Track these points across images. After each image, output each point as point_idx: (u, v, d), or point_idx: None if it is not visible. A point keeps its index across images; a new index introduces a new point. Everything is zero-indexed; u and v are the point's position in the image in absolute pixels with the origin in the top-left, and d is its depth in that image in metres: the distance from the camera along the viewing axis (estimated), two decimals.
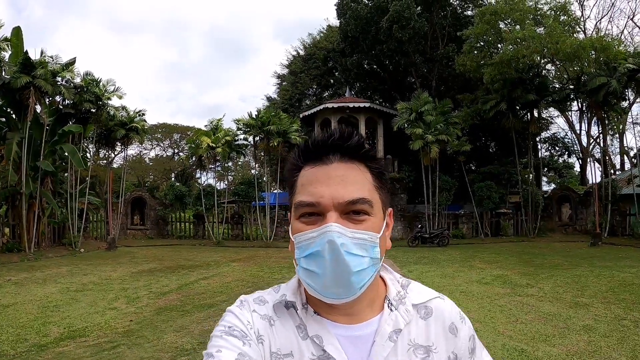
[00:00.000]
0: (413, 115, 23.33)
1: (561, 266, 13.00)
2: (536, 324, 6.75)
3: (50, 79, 17.68)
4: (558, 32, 20.03)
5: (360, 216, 0.86)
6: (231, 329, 0.89)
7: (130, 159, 49.98)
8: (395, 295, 0.95)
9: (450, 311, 0.98)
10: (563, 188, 26.90)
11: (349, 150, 0.88)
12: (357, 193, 0.85)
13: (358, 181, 0.87)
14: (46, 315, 8.27)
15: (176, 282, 11.77)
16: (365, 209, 0.86)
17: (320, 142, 0.90)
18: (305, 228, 0.86)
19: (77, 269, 14.25)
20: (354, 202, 0.85)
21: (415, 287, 0.99)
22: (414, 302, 0.95)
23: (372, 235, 0.85)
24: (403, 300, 0.95)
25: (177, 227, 27.09)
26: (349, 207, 0.85)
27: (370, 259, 0.85)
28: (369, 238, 0.85)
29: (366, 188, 0.87)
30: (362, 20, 27.94)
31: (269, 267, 14.45)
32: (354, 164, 0.89)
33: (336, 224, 0.83)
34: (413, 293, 0.97)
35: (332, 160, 0.89)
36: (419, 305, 0.95)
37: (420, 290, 0.99)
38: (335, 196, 0.84)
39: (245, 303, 0.96)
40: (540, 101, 23.86)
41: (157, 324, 7.57)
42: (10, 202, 18.73)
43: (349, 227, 0.84)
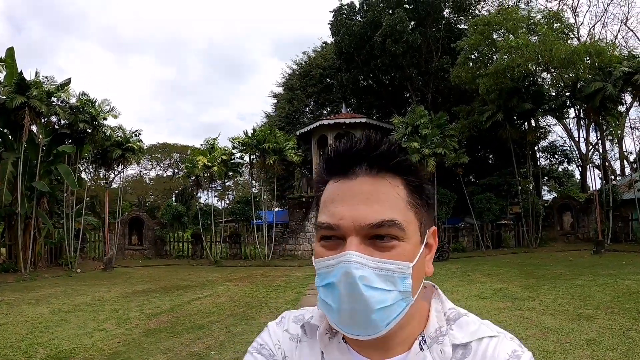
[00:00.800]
0: (409, 129, 23.23)
1: (563, 276, 12.72)
2: (537, 340, 6.47)
3: (45, 99, 17.70)
4: (552, 39, 20.03)
5: (387, 242, 0.71)
6: (262, 347, 0.89)
7: (131, 179, 50.09)
8: (433, 331, 0.79)
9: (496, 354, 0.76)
10: (564, 196, 26.68)
11: (377, 161, 0.74)
12: (384, 214, 0.71)
13: (387, 199, 0.73)
14: (34, 336, 8.08)
15: (169, 302, 11.53)
16: (393, 233, 0.72)
17: (344, 152, 0.77)
18: (325, 253, 0.74)
19: (71, 289, 14.01)
20: (380, 225, 0.71)
21: (466, 323, 0.80)
22: (455, 342, 0.77)
23: (402, 264, 0.71)
24: (441, 338, 0.78)
25: (175, 247, 26.84)
26: (373, 231, 0.71)
27: (398, 292, 0.71)
28: (398, 268, 0.71)
29: (397, 207, 0.73)
30: (356, 36, 28.05)
31: (264, 286, 14.20)
32: (385, 178, 0.75)
33: (356, 253, 0.69)
34: (459, 330, 0.78)
35: (357, 173, 0.75)
36: (461, 345, 0.77)
37: (472, 327, 0.79)
38: (357, 218, 0.71)
39: (284, 320, 0.92)
40: (536, 110, 23.80)
41: (144, 346, 7.35)
42: (7, 223, 18.62)
43: (373, 254, 0.71)
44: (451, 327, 0.79)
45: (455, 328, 0.79)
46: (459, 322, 0.79)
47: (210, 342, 7.45)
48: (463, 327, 0.79)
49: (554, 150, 34.47)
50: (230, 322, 8.94)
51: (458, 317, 0.80)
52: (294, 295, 12.24)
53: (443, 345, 0.76)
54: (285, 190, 33.89)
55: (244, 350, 4.33)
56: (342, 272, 0.69)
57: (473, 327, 0.78)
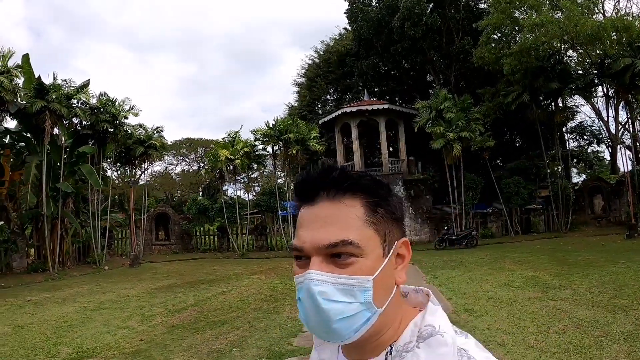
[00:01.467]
0: (433, 113, 22.75)
1: (596, 263, 12.20)
2: (570, 333, 6.11)
3: (64, 101, 17.94)
4: (577, 14, 19.17)
5: (345, 259, 0.77)
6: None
7: (157, 175, 50.79)
8: (402, 345, 0.80)
9: None
10: (594, 179, 25.79)
11: (332, 187, 0.79)
12: (339, 235, 0.76)
13: (342, 220, 0.78)
14: (58, 336, 8.16)
15: (193, 297, 11.55)
16: (349, 251, 0.76)
17: (304, 182, 0.83)
18: (297, 271, 0.81)
19: (97, 287, 14.22)
20: (335, 245, 0.76)
21: (437, 344, 0.77)
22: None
23: (361, 279, 0.76)
24: (405, 353, 0.78)
25: (202, 240, 27.05)
26: (330, 251, 0.77)
27: (360, 304, 0.76)
28: (357, 283, 0.76)
29: (353, 227, 0.78)
30: (373, 22, 27.53)
31: (290, 278, 14.03)
32: (342, 201, 0.79)
33: (314, 271, 0.76)
34: (425, 350, 0.77)
35: (319, 199, 0.81)
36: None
37: (441, 349, 0.76)
38: (315, 240, 0.78)
39: None
40: (563, 89, 22.93)
41: (166, 343, 7.32)
42: (34, 224, 19.00)
43: (334, 271, 0.76)
44: (418, 345, 0.78)
45: (422, 347, 0.78)
46: (429, 341, 0.78)
47: (232, 338, 7.37)
48: (432, 347, 0.77)
49: (582, 131, 33.36)
50: (253, 317, 8.86)
51: (430, 336, 0.78)
52: None
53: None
54: None
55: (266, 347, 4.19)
56: (305, 288, 0.76)
57: (442, 350, 0.76)
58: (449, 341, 0.77)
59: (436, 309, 0.83)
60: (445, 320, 0.81)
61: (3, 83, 15.28)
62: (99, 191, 21.32)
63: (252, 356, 6.31)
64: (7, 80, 15.50)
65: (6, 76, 15.59)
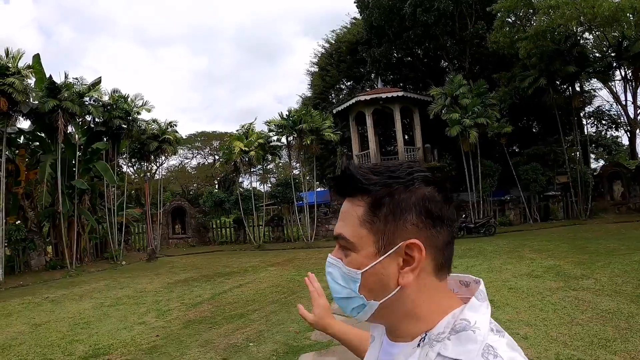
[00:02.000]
0: (448, 100, 22.42)
1: (618, 251, 11.87)
2: (594, 325, 5.92)
3: (77, 100, 18.00)
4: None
5: (345, 251, 0.87)
6: None
7: (173, 169, 51.15)
8: (435, 334, 0.81)
9: None
10: (613, 164, 25.19)
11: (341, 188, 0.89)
12: (339, 229, 0.88)
13: (346, 217, 0.87)
14: (75, 333, 8.19)
15: (210, 291, 11.55)
16: (343, 244, 0.87)
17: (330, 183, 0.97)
18: None
19: (114, 282, 14.32)
20: (336, 238, 0.89)
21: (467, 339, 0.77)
22: (442, 353, 0.78)
23: (351, 270, 0.85)
24: (435, 343, 0.80)
25: (218, 233, 27.17)
26: (338, 242, 0.89)
27: (351, 290, 0.85)
28: (348, 272, 0.86)
29: (350, 224, 0.86)
30: (385, 9, 27.12)
31: (307, 269, 13.78)
32: (353, 200, 0.87)
33: (330, 255, 0.90)
34: (454, 343, 0.78)
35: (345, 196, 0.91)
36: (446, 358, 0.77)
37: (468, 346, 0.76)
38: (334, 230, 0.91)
39: None
40: (581, 73, 22.36)
41: (182, 339, 7.31)
42: (51, 222, 19.21)
43: (342, 259, 0.87)
44: (449, 337, 0.80)
45: (452, 339, 0.79)
46: (460, 335, 0.79)
47: (249, 333, 7.34)
48: (461, 341, 0.78)
49: (600, 116, 32.61)
50: (270, 310, 8.82)
51: (462, 330, 0.79)
52: None
53: (431, 350, 0.79)
54: (325, 170, 33.67)
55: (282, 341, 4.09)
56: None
57: (469, 346, 0.76)
58: (478, 339, 0.77)
59: (479, 305, 0.83)
60: (484, 317, 0.80)
61: (14, 84, 15.36)
62: (115, 187, 21.49)
63: (269, 351, 6.26)
64: (19, 81, 15.57)
65: (17, 77, 15.65)
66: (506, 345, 0.77)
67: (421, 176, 0.84)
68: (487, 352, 0.75)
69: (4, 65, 15.74)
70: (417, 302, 0.84)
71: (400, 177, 0.84)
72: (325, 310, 1.45)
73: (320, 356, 6.03)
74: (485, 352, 0.75)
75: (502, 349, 0.76)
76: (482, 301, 0.84)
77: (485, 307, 0.83)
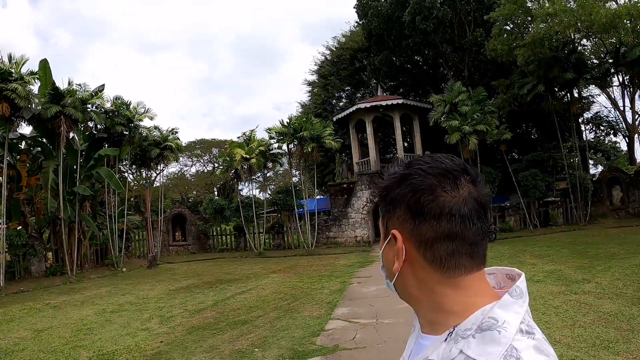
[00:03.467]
0: (447, 107, 22.55)
1: (618, 255, 11.95)
2: (596, 327, 5.99)
3: (79, 106, 18.06)
4: (590, 2, 18.84)
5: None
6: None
7: (172, 176, 51.12)
8: (462, 329, 0.80)
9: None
10: (612, 169, 25.31)
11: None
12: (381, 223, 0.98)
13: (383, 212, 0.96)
14: (78, 339, 8.19)
15: (212, 298, 11.57)
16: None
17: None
18: None
19: (116, 289, 14.32)
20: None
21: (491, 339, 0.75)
22: (465, 351, 0.76)
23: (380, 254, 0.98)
24: (460, 339, 0.79)
25: (219, 240, 27.16)
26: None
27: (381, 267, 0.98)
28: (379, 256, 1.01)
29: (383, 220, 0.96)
30: (384, 17, 27.33)
31: (309, 276, 14.08)
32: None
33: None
34: (478, 342, 0.76)
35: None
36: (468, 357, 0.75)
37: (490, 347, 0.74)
38: None
39: None
40: (579, 79, 22.56)
41: (187, 345, 7.32)
42: (52, 228, 19.22)
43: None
44: (474, 335, 0.78)
45: (477, 337, 0.77)
46: (485, 334, 0.76)
47: (253, 338, 7.35)
48: (485, 340, 0.76)
49: (598, 122, 32.79)
50: (274, 316, 8.84)
51: (488, 329, 0.76)
52: (339, 285, 12.06)
53: (455, 346, 0.78)
54: (325, 177, 33.74)
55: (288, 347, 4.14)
56: None
57: (491, 348, 0.74)
58: (502, 340, 0.74)
59: (512, 302, 0.80)
60: (515, 317, 0.77)
61: (17, 90, 15.46)
62: (115, 194, 21.51)
63: (274, 356, 6.29)
64: (21, 87, 15.66)
65: (20, 83, 15.75)
66: (533, 349, 0.74)
67: (416, 170, 0.87)
68: (510, 355, 0.72)
69: (7, 71, 15.83)
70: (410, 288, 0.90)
71: (396, 173, 0.90)
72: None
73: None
74: (508, 355, 0.72)
75: (527, 353, 0.72)
76: (516, 298, 0.81)
77: (519, 304, 0.80)
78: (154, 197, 25.77)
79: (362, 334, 7.02)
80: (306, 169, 27.60)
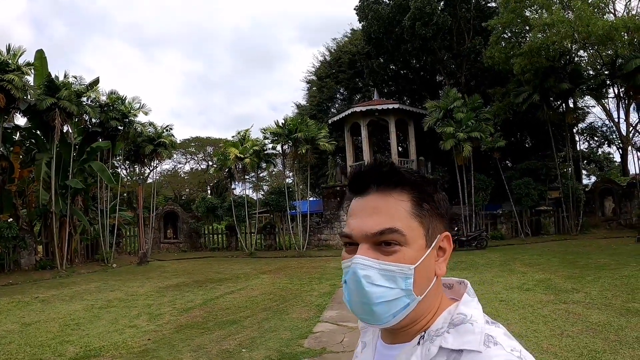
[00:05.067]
0: (442, 113, 22.61)
1: (608, 266, 12.03)
2: (584, 337, 6.01)
3: (74, 99, 17.95)
4: (588, 14, 19.01)
5: (390, 247, 0.84)
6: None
7: (166, 173, 50.91)
8: (434, 330, 0.86)
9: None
10: (605, 180, 25.49)
11: (382, 181, 0.88)
12: (386, 223, 0.84)
13: (390, 211, 0.86)
14: (65, 334, 8.11)
15: (202, 297, 11.51)
16: (395, 239, 0.84)
17: (357, 175, 0.92)
18: (346, 256, 0.89)
19: (105, 285, 14.23)
20: (381, 233, 0.84)
21: (465, 331, 0.83)
22: (445, 345, 0.82)
23: (403, 266, 0.83)
24: (435, 338, 0.84)
25: (210, 239, 27.07)
26: (377, 238, 0.84)
27: (400, 290, 0.83)
28: (399, 270, 0.83)
29: (399, 217, 0.85)
30: (384, 20, 27.39)
31: (299, 278, 14.05)
32: (391, 194, 0.87)
33: (361, 256, 0.84)
34: (455, 335, 0.83)
35: (369, 191, 0.89)
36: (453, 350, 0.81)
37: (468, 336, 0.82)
38: (364, 228, 0.86)
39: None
40: (574, 90, 22.77)
41: (174, 343, 7.27)
42: (43, 221, 19.09)
43: (379, 258, 0.84)
44: (448, 331, 0.84)
45: (452, 332, 0.83)
46: (458, 328, 0.83)
47: (241, 339, 7.32)
48: (460, 333, 0.82)
49: (593, 132, 33.07)
50: (262, 317, 8.80)
51: (460, 323, 0.84)
52: (328, 287, 12.03)
53: (432, 345, 0.83)
54: (319, 179, 33.75)
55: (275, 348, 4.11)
56: (351, 272, 0.84)
57: (469, 337, 0.81)
58: (477, 330, 0.81)
59: (471, 300, 0.89)
60: (478, 311, 0.86)
61: (14, 81, 15.36)
62: (108, 189, 21.39)
63: (262, 357, 6.25)
64: (18, 78, 15.57)
65: (16, 74, 15.66)
66: (504, 335, 0.82)
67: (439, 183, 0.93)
68: (488, 340, 0.80)
69: (4, 62, 15.74)
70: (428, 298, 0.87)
71: (431, 180, 0.92)
72: None
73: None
74: (487, 341, 0.79)
75: (501, 338, 0.81)
76: (472, 297, 0.90)
77: (476, 302, 0.89)
78: (147, 194, 25.68)
79: (349, 338, 7.00)
80: (300, 170, 27.60)
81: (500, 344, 0.79)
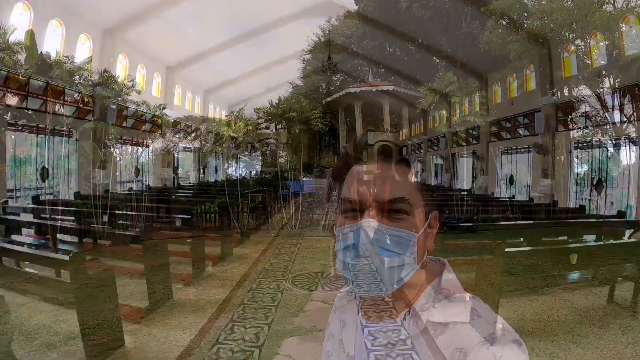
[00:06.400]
0: (437, 97, 22.60)
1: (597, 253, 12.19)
2: (569, 323, 6.18)
3: (66, 78, 17.70)
4: (587, 3, 18.92)
5: (398, 215, 0.88)
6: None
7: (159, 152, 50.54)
8: (419, 306, 0.90)
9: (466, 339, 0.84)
10: None
11: (390, 155, 0.62)
12: (398, 192, 0.88)
13: (400, 181, 0.90)
14: (60, 313, 8.13)
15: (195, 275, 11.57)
16: (403, 208, 0.88)
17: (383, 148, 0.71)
18: (347, 222, 0.89)
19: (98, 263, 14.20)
20: (393, 201, 0.87)
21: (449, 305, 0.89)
22: (432, 319, 0.88)
23: (409, 234, 0.86)
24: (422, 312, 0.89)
25: (203, 218, 27.02)
26: (388, 206, 0.87)
27: (405, 256, 0.85)
28: (406, 236, 0.86)
29: (408, 188, 0.90)
30: (380, 2, 27.12)
31: (292, 257, 14.12)
32: (400, 165, 0.92)
33: (372, 220, 0.86)
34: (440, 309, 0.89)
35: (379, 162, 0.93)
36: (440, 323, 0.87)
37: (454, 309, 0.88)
38: (376, 194, 0.87)
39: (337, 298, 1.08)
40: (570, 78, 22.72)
41: (167, 321, 7.36)
42: None
43: (388, 224, 0.87)
44: (434, 306, 0.89)
45: (438, 307, 0.89)
46: (443, 303, 0.89)
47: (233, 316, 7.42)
48: (446, 307, 0.88)
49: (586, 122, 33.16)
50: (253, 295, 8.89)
51: (445, 298, 0.90)
52: (319, 267, 12.12)
53: (419, 319, 0.88)
54: (312, 160, 33.78)
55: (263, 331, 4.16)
56: (362, 234, 0.84)
57: (454, 309, 0.87)
58: (461, 303, 0.88)
59: (451, 277, 0.95)
60: (459, 287, 0.92)
61: (4, 59, 15.15)
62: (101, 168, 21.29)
63: (252, 334, 6.37)
64: (8, 56, 15.36)
65: (7, 52, 15.44)
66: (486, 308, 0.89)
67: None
68: (475, 313, 0.85)
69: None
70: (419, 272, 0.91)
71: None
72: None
73: (304, 341, 6.17)
74: (473, 313, 0.85)
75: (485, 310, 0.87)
76: (451, 273, 0.96)
77: (454, 278, 0.95)
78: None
79: None
80: (293, 150, 27.57)
81: (484, 317, 0.85)
